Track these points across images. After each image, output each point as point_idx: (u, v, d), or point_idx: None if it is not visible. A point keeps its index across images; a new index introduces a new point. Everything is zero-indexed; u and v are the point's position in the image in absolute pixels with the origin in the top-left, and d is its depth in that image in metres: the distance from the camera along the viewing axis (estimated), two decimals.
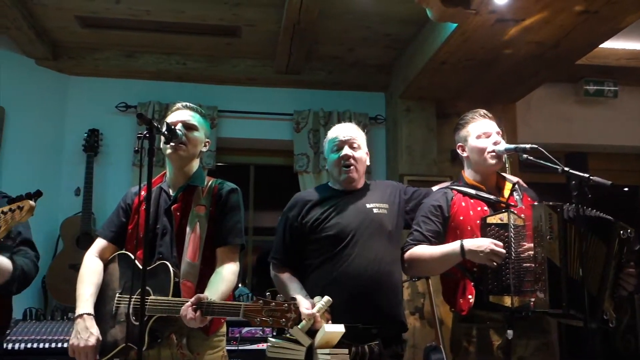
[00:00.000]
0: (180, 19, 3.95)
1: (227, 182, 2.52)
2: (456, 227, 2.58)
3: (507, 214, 2.48)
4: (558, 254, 2.42)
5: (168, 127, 2.26)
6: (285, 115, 4.61)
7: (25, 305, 3.73)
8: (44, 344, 3.31)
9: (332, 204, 2.57)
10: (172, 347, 2.26)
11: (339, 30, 4.07)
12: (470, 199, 2.62)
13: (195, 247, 2.32)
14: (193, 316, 2.07)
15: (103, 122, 4.39)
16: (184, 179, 2.45)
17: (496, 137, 2.65)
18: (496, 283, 2.43)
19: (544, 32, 3.28)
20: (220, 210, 2.41)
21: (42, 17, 3.94)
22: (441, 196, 2.66)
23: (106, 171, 4.34)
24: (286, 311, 2.03)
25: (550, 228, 2.43)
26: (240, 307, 2.07)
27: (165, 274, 2.24)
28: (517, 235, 2.45)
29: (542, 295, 2.36)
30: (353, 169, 2.57)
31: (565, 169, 2.44)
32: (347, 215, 2.53)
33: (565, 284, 2.38)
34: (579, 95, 4.77)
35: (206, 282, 2.27)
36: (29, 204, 2.08)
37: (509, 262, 2.42)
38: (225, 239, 2.38)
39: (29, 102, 4.24)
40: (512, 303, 2.40)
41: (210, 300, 2.11)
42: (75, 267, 3.89)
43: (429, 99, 4.37)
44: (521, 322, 2.49)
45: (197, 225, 2.35)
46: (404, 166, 4.30)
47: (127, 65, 4.44)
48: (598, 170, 2.71)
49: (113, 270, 2.42)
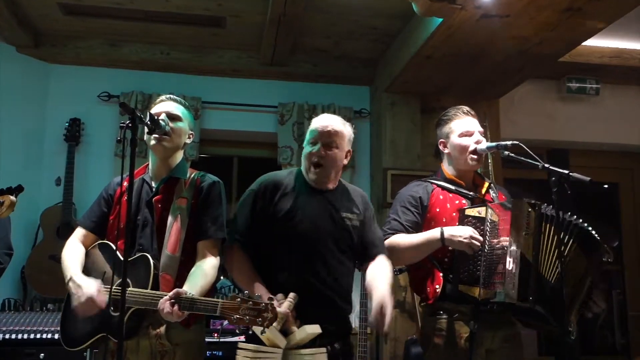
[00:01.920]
0: (165, 9, 3.92)
1: (210, 174, 2.51)
2: (432, 218, 2.63)
3: (485, 208, 2.55)
4: (531, 250, 2.48)
5: (151, 117, 2.24)
6: (270, 107, 4.60)
7: (4, 296, 3.71)
8: (23, 335, 3.30)
9: (304, 200, 2.43)
10: (150, 338, 2.25)
11: (325, 23, 4.07)
12: (449, 193, 2.67)
13: (175, 240, 2.31)
14: (170, 310, 2.07)
15: (85, 112, 4.35)
16: (166, 170, 2.43)
17: (478, 137, 2.70)
18: (467, 273, 2.50)
19: (529, 28, 3.30)
20: (202, 203, 2.40)
21: (23, 4, 3.89)
22: (421, 188, 2.70)
23: (88, 161, 4.31)
24: (263, 310, 2.00)
25: (527, 224, 2.48)
26: (218, 304, 2.06)
27: (145, 266, 2.24)
28: (492, 230, 2.51)
29: (511, 288, 2.40)
30: (320, 172, 2.42)
31: (545, 165, 2.49)
32: (317, 218, 2.41)
33: (535, 279, 2.44)
34: (562, 93, 4.82)
35: (186, 275, 2.27)
36: (9, 199, 2.06)
37: (481, 254, 2.47)
38: (206, 232, 2.36)
39: (10, 90, 4.18)
40: (479, 294, 2.45)
41: (188, 295, 2.10)
42: (55, 258, 3.86)
43: (414, 94, 4.38)
44: (487, 315, 2.54)
45: (178, 217, 2.34)
46: (387, 160, 4.31)
47: (110, 54, 4.40)
48: (579, 167, 2.76)
49: (94, 259, 2.40)
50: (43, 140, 4.35)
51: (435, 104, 4.44)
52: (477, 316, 2.51)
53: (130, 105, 2.21)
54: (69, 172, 4.13)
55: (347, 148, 2.51)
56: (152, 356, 2.27)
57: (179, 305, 2.08)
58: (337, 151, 2.44)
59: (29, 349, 3.25)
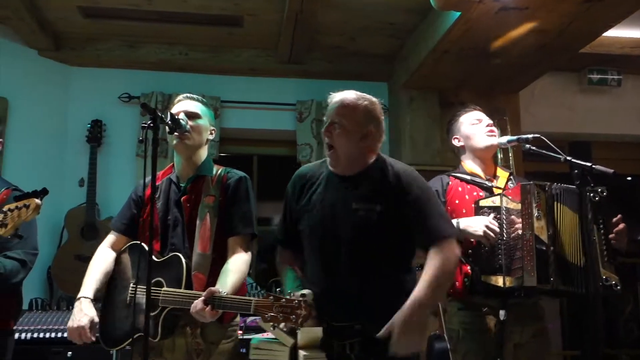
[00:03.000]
0: (182, 9, 3.94)
1: (236, 170, 2.52)
2: (452, 211, 2.63)
3: (499, 198, 2.56)
4: (546, 232, 2.47)
5: (171, 116, 2.27)
6: (288, 105, 4.61)
7: (31, 296, 3.76)
8: (50, 334, 3.34)
9: (324, 191, 2.25)
10: (186, 336, 2.28)
11: (341, 20, 4.06)
12: (467, 184, 2.69)
13: (205, 238, 2.32)
14: (203, 309, 2.09)
15: (106, 113, 4.40)
16: (192, 169, 2.45)
17: (487, 121, 2.74)
18: (488, 264, 2.50)
19: (548, 20, 3.27)
20: (230, 200, 2.40)
21: (44, 8, 3.94)
22: (437, 182, 2.71)
23: (110, 162, 4.35)
24: (296, 307, 1.99)
25: (538, 207, 2.49)
26: (251, 303, 2.07)
27: (178, 265, 2.26)
28: (509, 218, 2.52)
29: (530, 272, 2.41)
30: (332, 154, 2.21)
31: (567, 158, 2.47)
32: (325, 209, 2.21)
33: (554, 260, 2.43)
34: (583, 84, 4.76)
35: (219, 273, 2.28)
36: (34, 202, 2.10)
37: (501, 243, 2.49)
38: (236, 228, 2.37)
39: (32, 93, 4.24)
40: (503, 283, 2.45)
41: (222, 294, 2.11)
42: (80, 258, 3.94)
43: (432, 89, 4.36)
44: (516, 308, 2.54)
45: (207, 216, 2.35)
46: (407, 155, 4.30)
47: (129, 55, 4.44)
48: (602, 159, 2.73)
49: (127, 260, 2.44)
50: (65, 142, 4.41)
51: (453, 98, 4.41)
52: (506, 306, 2.50)
53: (151, 106, 2.23)
54: (91, 172, 4.18)
55: (365, 126, 2.18)
56: (188, 355, 2.28)
57: (212, 305, 2.09)
58: (343, 130, 2.16)
59: (57, 348, 3.29)
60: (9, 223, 2.12)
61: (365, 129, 2.18)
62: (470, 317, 2.62)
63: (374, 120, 2.21)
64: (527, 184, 2.54)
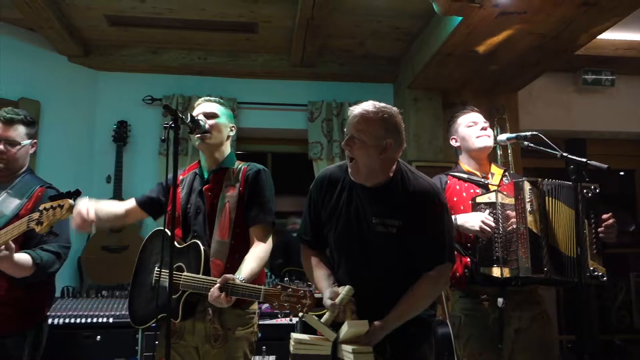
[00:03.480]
0: (201, 17, 3.95)
1: (256, 163, 2.52)
2: (451, 207, 2.57)
3: (495, 194, 2.58)
4: (538, 225, 2.48)
5: (191, 118, 2.29)
6: (300, 106, 4.61)
7: (63, 284, 3.80)
8: (80, 319, 3.37)
9: (346, 198, 2.17)
10: (205, 321, 2.29)
11: (351, 25, 4.05)
12: (464, 182, 2.70)
13: (225, 226, 2.33)
14: (218, 296, 2.11)
15: (131, 114, 4.43)
16: (215, 164, 2.47)
17: (483, 124, 2.73)
18: (486, 256, 2.52)
19: (545, 24, 3.24)
20: (250, 191, 2.40)
21: (73, 17, 3.96)
22: (436, 181, 2.67)
23: (134, 159, 4.38)
24: (302, 297, 2.05)
25: (530, 202, 2.50)
26: (261, 291, 2.10)
27: (197, 252, 2.28)
28: (505, 213, 2.54)
29: (525, 262, 2.44)
30: (352, 165, 2.11)
31: (564, 154, 2.46)
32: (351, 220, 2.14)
33: (547, 252, 2.45)
34: (578, 85, 4.71)
35: (236, 259, 2.29)
36: (68, 202, 2.13)
37: (497, 236, 2.51)
38: (256, 218, 2.37)
39: (63, 96, 4.28)
40: (501, 273, 2.48)
41: (235, 282, 2.13)
42: (108, 249, 3.97)
43: (436, 89, 4.34)
44: (513, 296, 2.56)
45: (227, 205, 2.36)
46: (412, 153, 4.29)
47: (152, 60, 4.46)
48: (596, 155, 2.69)
49: (154, 244, 2.46)
50: (93, 141, 4.44)
51: (456, 98, 4.39)
52: (504, 294, 2.52)
53: (173, 107, 2.25)
54: (117, 170, 4.22)
55: (384, 139, 2.06)
56: (207, 339, 2.29)
57: (226, 292, 2.11)
58: (363, 145, 2.06)
59: (87, 332, 3.32)
60: (45, 221, 2.15)
61: (384, 142, 2.06)
62: (472, 304, 2.62)
63: (393, 131, 2.10)
64: (520, 181, 2.55)
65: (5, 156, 2.53)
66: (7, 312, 2.38)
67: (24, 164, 2.63)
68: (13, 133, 2.54)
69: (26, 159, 2.64)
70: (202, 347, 2.30)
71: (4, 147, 2.53)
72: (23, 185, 2.56)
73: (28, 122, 2.62)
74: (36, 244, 2.42)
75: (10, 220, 2.41)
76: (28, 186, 2.56)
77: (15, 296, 2.40)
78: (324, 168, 2.37)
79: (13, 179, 2.58)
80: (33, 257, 2.33)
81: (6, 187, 2.54)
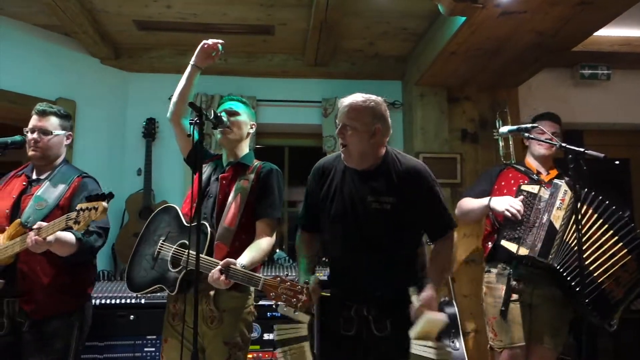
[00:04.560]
0: (222, 21, 3.95)
1: (270, 163, 2.53)
2: (495, 190, 2.98)
3: (539, 187, 2.78)
4: (560, 221, 2.65)
5: (214, 114, 2.30)
6: (315, 102, 4.60)
7: (99, 268, 3.84)
8: (115, 300, 3.43)
9: (341, 182, 2.22)
10: (202, 304, 2.24)
11: (361, 26, 4.03)
12: (519, 173, 2.98)
13: (233, 215, 2.32)
14: (218, 277, 2.10)
15: (159, 112, 4.42)
16: (235, 158, 2.50)
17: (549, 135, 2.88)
18: (510, 233, 2.76)
19: (544, 22, 3.19)
20: (261, 187, 2.41)
21: (105, 23, 3.98)
22: (496, 167, 3.17)
23: (162, 154, 4.40)
24: (299, 292, 1.99)
25: (562, 200, 2.68)
26: (260, 280, 2.07)
27: (204, 234, 2.25)
28: (539, 204, 2.74)
29: (536, 244, 2.67)
30: (345, 151, 2.18)
31: (562, 144, 2.46)
32: (345, 200, 2.18)
33: (559, 244, 2.63)
34: (575, 79, 4.64)
35: (240, 246, 2.29)
36: (102, 205, 2.16)
37: (525, 221, 2.72)
38: (264, 213, 2.38)
39: (96, 96, 4.31)
40: (517, 250, 2.71)
41: (237, 267, 2.12)
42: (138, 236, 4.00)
43: (441, 86, 4.30)
44: (526, 273, 2.78)
45: (239, 195, 2.37)
46: (419, 145, 4.26)
47: (178, 62, 4.46)
48: (593, 145, 2.67)
49: (161, 218, 2.46)
50: (125, 137, 4.47)
51: (459, 94, 4.35)
52: (515, 268, 2.78)
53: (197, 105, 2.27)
54: (147, 163, 4.24)
55: (373, 125, 2.15)
56: (204, 320, 2.27)
57: (226, 275, 2.09)
58: (355, 131, 2.13)
59: (121, 312, 3.37)
60: (82, 221, 2.18)
61: (373, 127, 2.14)
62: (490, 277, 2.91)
63: (380, 118, 2.18)
64: (559, 181, 2.75)
65: (39, 144, 2.56)
66: (56, 297, 2.43)
67: (58, 153, 2.65)
68: (46, 123, 2.59)
69: (61, 149, 2.66)
70: (200, 329, 2.25)
71: (37, 136, 2.56)
72: (62, 176, 2.59)
73: (61, 115, 2.66)
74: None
75: (53, 209, 2.44)
76: (67, 176, 2.59)
77: (61, 281, 2.44)
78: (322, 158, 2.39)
79: (52, 169, 2.61)
80: (75, 234, 2.34)
81: (47, 177, 2.57)
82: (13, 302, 2.40)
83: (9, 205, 2.49)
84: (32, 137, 2.56)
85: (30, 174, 2.62)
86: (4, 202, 2.52)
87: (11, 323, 2.40)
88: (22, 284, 2.39)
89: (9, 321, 2.40)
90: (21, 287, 2.39)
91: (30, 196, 2.49)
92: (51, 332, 2.40)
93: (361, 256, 2.15)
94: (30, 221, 2.37)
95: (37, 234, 2.21)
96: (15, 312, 2.40)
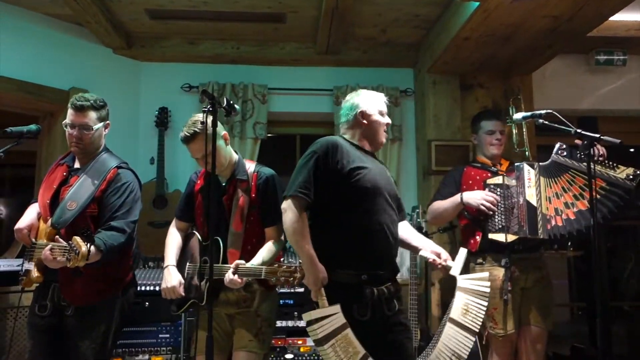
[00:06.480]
0: (233, 9, 3.93)
1: (265, 168, 2.67)
2: (467, 188, 3.13)
3: (502, 177, 3.00)
4: (535, 198, 2.87)
5: (227, 101, 2.29)
6: (326, 90, 4.58)
7: None
8: None
9: (365, 159, 2.36)
10: (233, 292, 2.49)
11: (373, 13, 3.99)
12: (479, 170, 3.20)
13: (239, 219, 2.51)
14: (232, 279, 2.36)
15: (171, 101, 4.46)
16: (230, 173, 2.63)
17: (499, 135, 3.24)
18: (493, 225, 2.95)
19: (559, 7, 3.14)
20: (262, 197, 2.57)
21: (117, 12, 3.99)
22: (456, 170, 3.30)
23: (175, 143, 4.39)
24: (294, 271, 2.31)
25: (529, 180, 2.89)
26: (262, 270, 2.36)
27: (217, 247, 2.47)
28: (509, 191, 2.95)
29: (522, 226, 2.85)
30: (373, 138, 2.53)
31: (577, 131, 2.43)
32: (378, 174, 2.36)
33: (541, 218, 2.84)
34: (590, 65, 4.57)
35: (250, 249, 2.51)
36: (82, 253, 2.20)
37: (502, 210, 2.93)
38: (270, 221, 2.56)
39: (109, 85, 4.32)
40: (505, 238, 2.88)
41: (244, 266, 2.38)
42: (153, 224, 4.04)
43: (453, 73, 4.26)
44: (520, 262, 2.98)
45: (241, 199, 2.55)
46: (431, 133, 4.23)
47: (189, 51, 4.47)
48: (607, 132, 2.63)
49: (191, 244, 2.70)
50: (138, 127, 4.49)
51: (472, 81, 4.31)
52: (509, 256, 2.93)
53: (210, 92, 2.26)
54: (160, 152, 4.26)
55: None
56: (237, 305, 2.51)
57: (238, 275, 2.37)
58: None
59: (136, 299, 3.36)
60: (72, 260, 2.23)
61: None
62: (483, 268, 3.02)
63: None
64: (520, 164, 2.95)
65: (81, 142, 2.56)
66: (100, 285, 2.50)
67: (99, 145, 2.67)
68: (85, 119, 2.56)
69: (101, 140, 2.68)
70: (229, 312, 2.54)
71: (78, 133, 2.55)
72: (99, 167, 2.58)
73: (98, 107, 2.63)
74: (105, 220, 2.46)
75: (86, 207, 2.43)
76: (103, 167, 2.58)
77: (104, 271, 2.49)
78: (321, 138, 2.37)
79: (90, 160, 2.61)
80: (97, 245, 2.30)
81: (85, 169, 2.57)
82: (59, 288, 2.48)
83: (50, 196, 2.52)
84: (74, 134, 2.55)
85: (72, 163, 2.65)
86: (47, 192, 2.55)
87: (55, 306, 2.49)
88: (62, 275, 2.45)
89: (52, 304, 2.49)
90: (61, 279, 2.46)
91: (69, 187, 2.50)
92: (94, 318, 2.48)
93: (396, 227, 2.39)
94: (61, 222, 2.39)
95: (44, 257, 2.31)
96: (60, 297, 2.47)
